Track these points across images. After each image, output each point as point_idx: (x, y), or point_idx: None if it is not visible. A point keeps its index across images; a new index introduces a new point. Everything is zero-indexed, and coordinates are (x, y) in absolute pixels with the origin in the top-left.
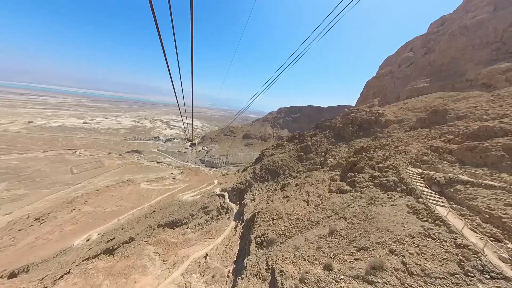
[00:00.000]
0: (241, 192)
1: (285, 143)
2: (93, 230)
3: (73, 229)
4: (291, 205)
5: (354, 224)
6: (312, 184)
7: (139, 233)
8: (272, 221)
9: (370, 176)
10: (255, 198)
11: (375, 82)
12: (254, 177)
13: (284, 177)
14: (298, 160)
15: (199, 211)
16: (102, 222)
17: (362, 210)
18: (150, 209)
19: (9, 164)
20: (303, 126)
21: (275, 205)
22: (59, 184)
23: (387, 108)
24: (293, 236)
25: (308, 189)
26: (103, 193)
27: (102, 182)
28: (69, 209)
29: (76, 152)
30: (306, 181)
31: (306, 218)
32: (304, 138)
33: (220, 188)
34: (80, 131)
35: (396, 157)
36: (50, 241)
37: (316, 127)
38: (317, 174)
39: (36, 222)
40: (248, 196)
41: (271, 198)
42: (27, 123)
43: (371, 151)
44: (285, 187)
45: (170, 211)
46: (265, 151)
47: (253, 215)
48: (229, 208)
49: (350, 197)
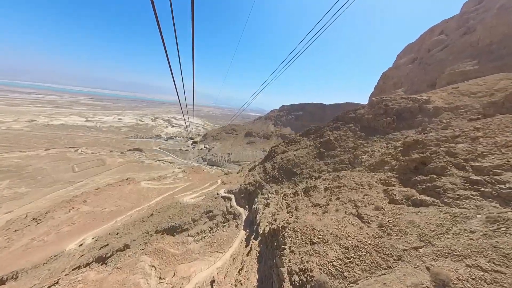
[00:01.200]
0: (250, 194)
1: (299, 138)
2: (89, 232)
3: (70, 231)
4: (333, 220)
5: (485, 272)
6: (353, 189)
7: (135, 240)
8: (312, 246)
9: (465, 181)
10: (269, 203)
11: (395, 73)
12: (265, 178)
13: (303, 178)
14: (319, 157)
15: (202, 216)
16: (99, 224)
17: (488, 242)
18: (149, 211)
19: (11, 162)
20: (306, 124)
21: (307, 219)
22: (60, 182)
23: (432, 94)
24: (358, 281)
25: (351, 196)
26: (102, 192)
27: (104, 180)
28: (67, 208)
29: (78, 150)
30: (340, 184)
31: (373, 248)
32: (323, 132)
33: (225, 189)
34: (82, 129)
35: (502, 151)
36: (45, 243)
37: (337, 120)
38: (351, 175)
39: (33, 222)
40: (259, 200)
41: (294, 206)
42: (30, 121)
43: (439, 145)
44: (311, 192)
45: (170, 214)
46: (276, 147)
47: (275, 229)
48: (237, 214)
49: (440, 213)
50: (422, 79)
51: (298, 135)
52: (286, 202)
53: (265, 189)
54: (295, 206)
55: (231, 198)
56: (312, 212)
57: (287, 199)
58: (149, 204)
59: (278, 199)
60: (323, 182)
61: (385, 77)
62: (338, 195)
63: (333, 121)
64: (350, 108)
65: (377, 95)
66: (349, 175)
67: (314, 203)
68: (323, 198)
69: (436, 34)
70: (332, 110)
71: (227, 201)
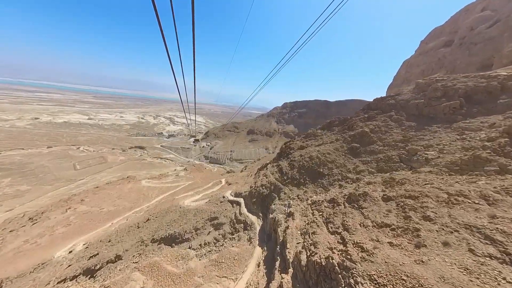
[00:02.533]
0: (264, 198)
1: (319, 132)
2: (82, 236)
3: (64, 232)
4: (458, 268)
5: None
6: (447, 202)
7: (128, 250)
8: None
9: None
10: (293, 212)
11: (422, 59)
12: (282, 179)
13: (334, 180)
14: (352, 154)
15: (205, 224)
16: (95, 226)
17: None
18: (146, 214)
19: (14, 160)
20: (310, 121)
21: (392, 257)
22: (61, 180)
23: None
24: None
25: (456, 214)
26: (101, 191)
27: (105, 178)
28: (64, 208)
29: (79, 148)
30: (412, 193)
31: None
32: (352, 123)
33: (232, 191)
34: (84, 127)
35: None
36: (37, 246)
37: (368, 109)
38: (419, 178)
39: (29, 222)
40: (278, 207)
41: (339, 222)
42: (33, 119)
43: None
44: (360, 201)
45: (168, 220)
46: (291, 143)
47: (324, 265)
48: (248, 223)
49: None
50: (467, 61)
51: (318, 129)
52: (321, 214)
53: (283, 193)
54: (340, 222)
55: (240, 203)
56: (390, 242)
57: (322, 210)
58: (148, 205)
59: (305, 208)
60: (373, 188)
61: (408, 65)
62: (422, 211)
63: (364, 110)
64: (357, 105)
65: (398, 86)
66: (415, 178)
67: (378, 221)
68: (389, 214)
69: (478, 11)
70: (337, 107)
71: (236, 207)
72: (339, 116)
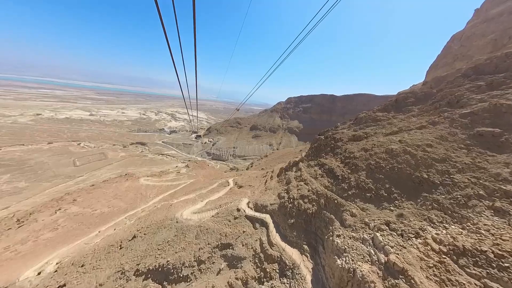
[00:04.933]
0: (308, 220)
1: (381, 115)
2: (62, 248)
3: (49, 239)
4: None
5: None
6: None
7: (102, 285)
8: None
9: None
10: (393, 262)
11: (486, 28)
12: (339, 189)
13: (466, 196)
14: (483, 147)
15: (213, 253)
16: (81, 232)
17: None
18: (132, 229)
19: (14, 156)
20: (315, 116)
21: None
22: (60, 177)
23: None
24: None
25: None
26: (96, 190)
27: (104, 175)
28: (54, 209)
29: (80, 144)
30: None
31: None
32: (459, 96)
33: (251, 202)
34: (86, 123)
35: None
36: (16, 255)
37: (476, 73)
38: None
39: (15, 225)
40: (348, 244)
41: None
42: (35, 115)
43: None
44: None
45: (160, 241)
46: (333, 132)
47: None
48: (287, 264)
49: None
50: None
51: (377, 111)
52: None
53: (346, 213)
54: None
55: (267, 224)
56: None
57: None
58: (144, 207)
59: (425, 253)
60: None
61: (463, 38)
62: None
63: (470, 78)
64: (365, 99)
65: (448, 65)
66: None
67: None
68: None
69: None
70: (343, 102)
71: (260, 228)
72: (411, 91)
